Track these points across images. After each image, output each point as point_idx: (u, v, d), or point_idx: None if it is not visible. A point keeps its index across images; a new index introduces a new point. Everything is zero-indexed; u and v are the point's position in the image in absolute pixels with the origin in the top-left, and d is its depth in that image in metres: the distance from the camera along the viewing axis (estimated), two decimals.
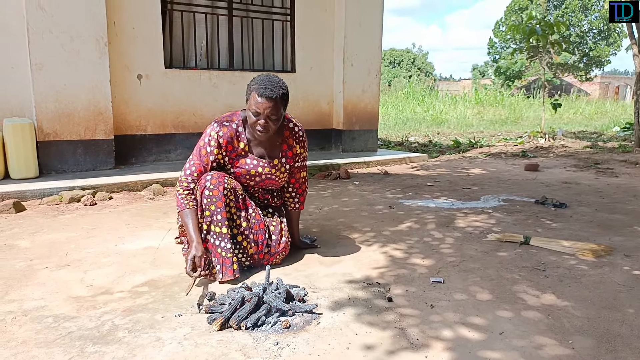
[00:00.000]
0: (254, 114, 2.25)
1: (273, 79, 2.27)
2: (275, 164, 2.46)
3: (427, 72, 44.33)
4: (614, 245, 2.80)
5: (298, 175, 2.61)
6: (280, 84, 2.27)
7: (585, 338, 1.75)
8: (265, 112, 2.22)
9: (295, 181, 2.62)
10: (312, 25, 6.46)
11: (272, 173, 2.46)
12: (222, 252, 2.26)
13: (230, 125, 2.36)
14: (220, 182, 2.28)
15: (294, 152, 2.51)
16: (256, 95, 2.22)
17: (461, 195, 4.29)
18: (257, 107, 2.22)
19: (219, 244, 2.28)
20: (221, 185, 2.27)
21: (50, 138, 4.69)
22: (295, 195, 2.65)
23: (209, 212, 2.27)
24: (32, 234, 3.04)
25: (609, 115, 16.78)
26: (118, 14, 5.09)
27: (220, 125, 2.35)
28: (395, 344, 1.70)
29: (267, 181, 2.49)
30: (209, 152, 2.33)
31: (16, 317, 1.88)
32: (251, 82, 2.29)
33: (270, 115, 2.23)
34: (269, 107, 2.21)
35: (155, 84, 5.43)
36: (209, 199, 2.26)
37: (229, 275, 2.24)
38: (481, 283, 2.25)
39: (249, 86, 2.28)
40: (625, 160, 6.44)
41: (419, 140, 9.54)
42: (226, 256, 2.26)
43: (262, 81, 2.24)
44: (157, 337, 1.73)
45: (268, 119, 2.24)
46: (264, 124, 2.25)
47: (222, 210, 2.27)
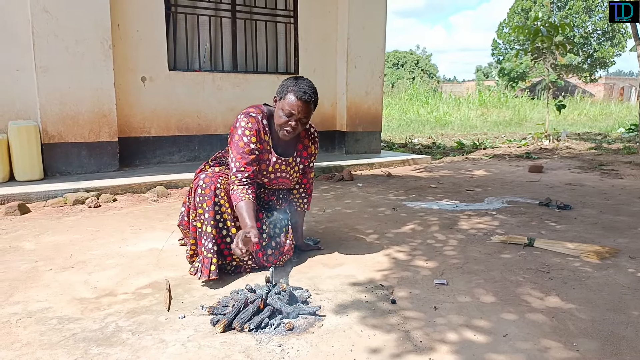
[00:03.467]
0: (286, 115, 2.27)
1: (310, 83, 2.33)
2: (290, 162, 2.48)
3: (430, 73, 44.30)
4: (618, 247, 2.79)
5: (310, 175, 2.65)
6: (315, 89, 2.34)
7: (590, 341, 1.74)
8: (298, 115, 2.26)
9: (307, 181, 2.66)
10: (315, 28, 6.47)
11: (287, 171, 2.49)
12: (204, 251, 2.26)
13: (257, 117, 2.38)
14: (213, 181, 2.29)
15: (309, 152, 2.56)
16: (294, 97, 2.25)
17: (465, 197, 4.28)
18: (292, 109, 2.25)
19: (204, 243, 2.28)
20: (213, 185, 2.28)
21: (55, 140, 4.71)
22: (305, 196, 2.67)
23: (201, 210, 2.28)
24: (37, 235, 3.05)
25: (614, 117, 16.71)
26: (122, 17, 5.12)
27: (248, 117, 2.36)
28: (400, 346, 1.70)
29: (281, 179, 2.51)
30: (246, 142, 2.32)
31: (21, 319, 1.89)
32: (287, 82, 2.31)
33: (302, 118, 2.28)
34: (304, 111, 2.27)
35: (159, 87, 5.45)
36: (201, 197, 2.28)
37: (204, 276, 2.21)
38: (485, 285, 2.25)
39: (285, 86, 2.30)
40: (630, 161, 6.41)
41: (423, 142, 9.53)
42: (206, 255, 2.25)
43: (301, 84, 2.28)
44: (160, 339, 1.73)
45: (299, 122, 2.29)
46: (295, 125, 2.29)
47: (210, 209, 2.27)
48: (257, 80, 6.14)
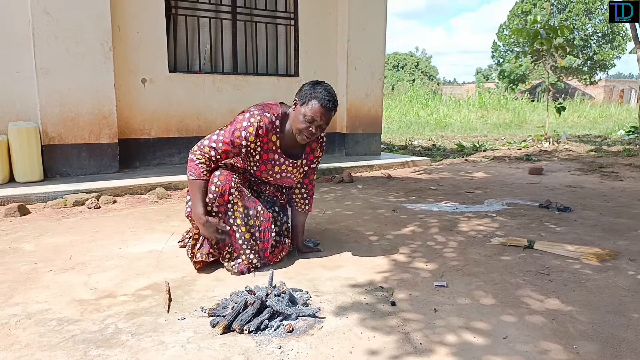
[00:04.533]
0: (308, 121, 2.28)
1: (332, 90, 2.34)
2: (298, 164, 2.51)
3: (430, 75, 44.35)
4: (618, 250, 2.79)
5: (312, 177, 2.68)
6: (336, 95, 2.36)
7: (590, 343, 1.74)
8: (320, 122, 2.29)
9: (309, 182, 2.68)
10: (315, 30, 6.48)
11: (293, 172, 2.51)
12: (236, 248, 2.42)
13: (271, 118, 2.38)
14: (228, 180, 2.35)
15: (315, 155, 2.58)
16: (319, 105, 2.26)
17: (465, 199, 4.28)
18: (316, 116, 2.27)
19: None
20: (227, 184, 2.34)
21: (55, 142, 4.71)
22: (307, 197, 2.69)
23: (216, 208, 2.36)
24: (37, 237, 3.05)
25: (614, 119, 16.73)
26: (123, 18, 5.12)
27: (262, 115, 2.35)
28: (399, 348, 1.70)
29: (285, 179, 2.53)
30: (243, 136, 2.32)
31: (20, 320, 1.89)
32: (311, 89, 2.30)
33: (322, 124, 2.31)
34: (326, 118, 2.30)
35: (159, 88, 5.45)
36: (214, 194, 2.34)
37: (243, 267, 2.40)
38: (485, 287, 2.24)
39: (308, 92, 2.30)
40: (630, 164, 6.41)
41: (423, 144, 9.53)
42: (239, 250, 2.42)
43: (328, 92, 2.29)
44: (160, 341, 1.73)
45: (319, 128, 2.32)
46: (314, 132, 2.31)
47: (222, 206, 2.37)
48: (257, 82, 6.14)
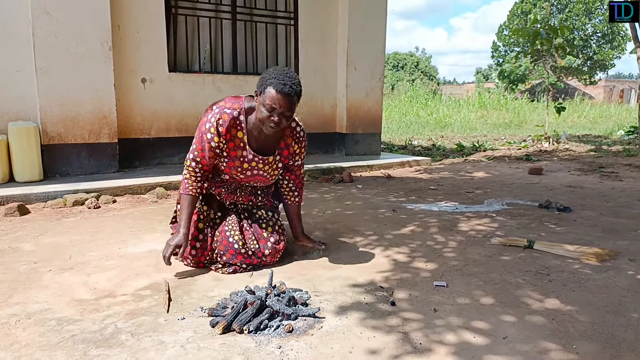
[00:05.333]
0: (268, 109, 2.16)
1: (291, 74, 2.20)
2: (270, 161, 2.41)
3: (430, 75, 44.36)
4: (618, 250, 2.79)
5: (298, 172, 2.61)
6: (297, 80, 2.21)
7: (589, 343, 1.74)
8: (281, 108, 2.16)
9: (296, 177, 2.61)
10: (315, 29, 6.48)
11: (265, 170, 2.43)
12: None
13: (232, 113, 2.30)
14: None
15: (290, 151, 2.46)
16: (273, 91, 2.14)
17: (464, 198, 4.28)
18: (273, 103, 2.14)
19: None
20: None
21: (55, 141, 4.71)
22: (295, 189, 2.62)
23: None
24: (36, 237, 3.05)
25: (614, 119, 16.73)
26: (122, 18, 5.12)
27: (221, 112, 2.29)
28: (399, 348, 1.70)
29: (257, 177, 2.45)
30: (209, 138, 2.31)
31: (20, 320, 1.89)
32: (266, 75, 2.20)
33: (285, 112, 2.17)
34: (286, 104, 2.15)
35: (159, 88, 5.45)
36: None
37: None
38: (485, 287, 2.24)
39: (264, 79, 2.19)
40: (630, 164, 6.41)
41: (423, 143, 9.53)
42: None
43: (281, 76, 2.16)
44: (160, 341, 1.73)
45: (282, 116, 2.18)
46: (278, 120, 2.18)
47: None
48: (256, 81, 6.13)
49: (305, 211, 3.76)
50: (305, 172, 5.27)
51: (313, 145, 6.67)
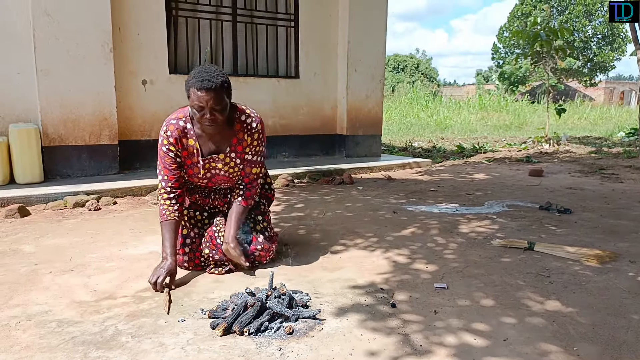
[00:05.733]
0: (197, 109, 2.15)
1: (209, 69, 2.17)
2: (222, 158, 2.37)
3: (430, 77, 44.39)
4: (619, 251, 2.79)
5: (248, 169, 2.43)
6: (218, 72, 2.18)
7: (590, 345, 1.73)
8: (208, 105, 2.13)
9: (245, 175, 2.44)
10: (316, 31, 6.49)
11: (223, 169, 2.39)
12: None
13: (177, 123, 2.30)
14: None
15: (244, 145, 2.38)
16: (195, 90, 2.12)
17: (465, 200, 4.28)
18: (199, 101, 2.12)
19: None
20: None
21: (56, 143, 4.71)
22: (243, 188, 2.45)
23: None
24: (37, 238, 3.05)
25: (614, 121, 16.72)
26: (123, 20, 5.13)
27: (167, 125, 2.31)
28: (399, 350, 1.70)
29: (219, 177, 2.43)
30: (165, 152, 2.31)
31: (20, 322, 1.89)
32: (188, 78, 2.19)
33: (214, 106, 2.14)
34: (211, 99, 2.12)
35: (159, 90, 5.45)
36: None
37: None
38: (485, 289, 2.24)
39: (187, 82, 2.18)
40: (631, 165, 6.41)
41: (423, 145, 9.53)
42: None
43: (199, 74, 2.14)
44: (160, 343, 1.73)
45: (213, 111, 2.15)
46: (211, 117, 2.16)
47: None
48: (257, 83, 6.15)
49: (306, 213, 3.77)
50: (306, 173, 5.30)
51: (313, 146, 6.68)
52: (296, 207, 3.99)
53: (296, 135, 6.51)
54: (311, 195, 4.50)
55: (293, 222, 3.50)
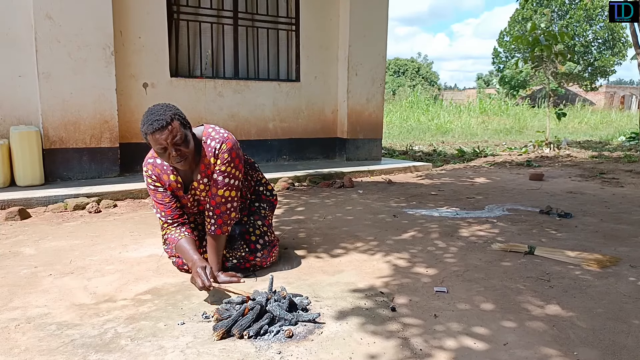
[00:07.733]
0: (161, 152, 2.09)
1: (154, 109, 2.10)
2: (197, 186, 2.33)
3: (431, 81, 44.44)
4: (619, 256, 2.78)
5: (214, 190, 2.29)
6: (165, 108, 2.11)
7: (590, 349, 1.73)
8: (168, 143, 2.05)
9: (212, 197, 2.31)
10: (317, 35, 6.50)
11: (201, 195, 2.37)
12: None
13: (154, 162, 2.30)
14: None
15: (213, 169, 2.29)
16: (150, 135, 2.06)
17: (465, 204, 4.27)
18: (159, 143, 2.06)
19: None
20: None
21: (56, 146, 4.72)
22: (213, 216, 2.32)
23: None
24: (37, 241, 3.05)
25: (614, 125, 16.73)
26: (125, 23, 5.15)
27: (145, 165, 2.31)
28: (399, 353, 1.69)
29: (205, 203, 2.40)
30: (153, 189, 2.32)
31: (19, 324, 1.88)
32: (141, 127, 2.12)
33: (174, 142, 2.06)
34: (168, 137, 2.05)
35: (160, 93, 5.46)
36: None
37: None
38: (485, 293, 2.24)
39: (141, 132, 2.11)
40: (631, 170, 6.40)
41: (424, 149, 9.54)
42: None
43: (147, 118, 2.08)
44: (159, 346, 1.73)
45: (176, 146, 2.08)
46: (175, 154, 2.09)
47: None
48: (258, 87, 6.16)
49: (306, 216, 3.77)
50: (306, 176, 5.30)
51: (314, 150, 6.69)
52: (297, 211, 3.99)
53: (297, 139, 6.52)
54: (312, 198, 4.50)
55: (293, 225, 3.50)
